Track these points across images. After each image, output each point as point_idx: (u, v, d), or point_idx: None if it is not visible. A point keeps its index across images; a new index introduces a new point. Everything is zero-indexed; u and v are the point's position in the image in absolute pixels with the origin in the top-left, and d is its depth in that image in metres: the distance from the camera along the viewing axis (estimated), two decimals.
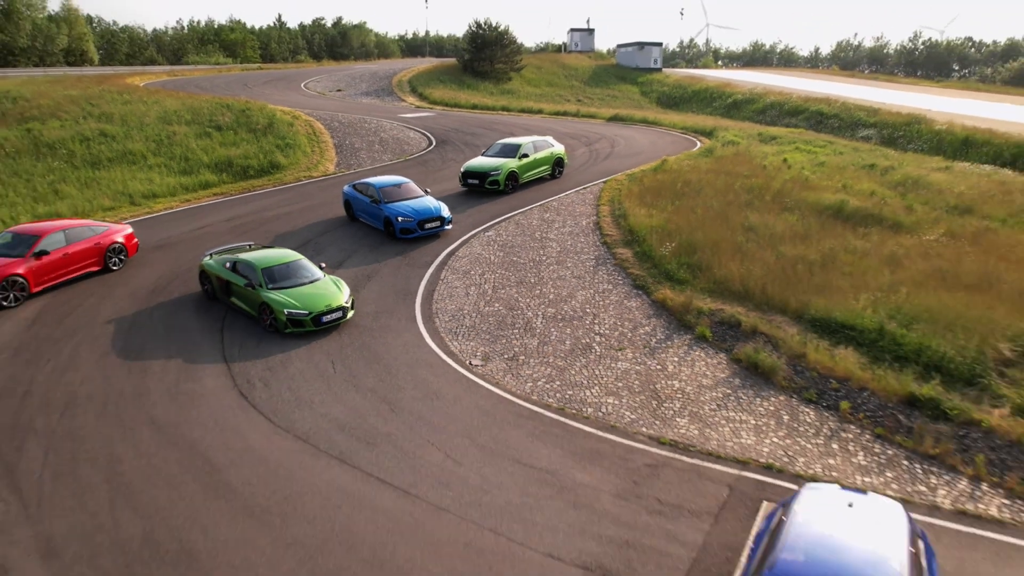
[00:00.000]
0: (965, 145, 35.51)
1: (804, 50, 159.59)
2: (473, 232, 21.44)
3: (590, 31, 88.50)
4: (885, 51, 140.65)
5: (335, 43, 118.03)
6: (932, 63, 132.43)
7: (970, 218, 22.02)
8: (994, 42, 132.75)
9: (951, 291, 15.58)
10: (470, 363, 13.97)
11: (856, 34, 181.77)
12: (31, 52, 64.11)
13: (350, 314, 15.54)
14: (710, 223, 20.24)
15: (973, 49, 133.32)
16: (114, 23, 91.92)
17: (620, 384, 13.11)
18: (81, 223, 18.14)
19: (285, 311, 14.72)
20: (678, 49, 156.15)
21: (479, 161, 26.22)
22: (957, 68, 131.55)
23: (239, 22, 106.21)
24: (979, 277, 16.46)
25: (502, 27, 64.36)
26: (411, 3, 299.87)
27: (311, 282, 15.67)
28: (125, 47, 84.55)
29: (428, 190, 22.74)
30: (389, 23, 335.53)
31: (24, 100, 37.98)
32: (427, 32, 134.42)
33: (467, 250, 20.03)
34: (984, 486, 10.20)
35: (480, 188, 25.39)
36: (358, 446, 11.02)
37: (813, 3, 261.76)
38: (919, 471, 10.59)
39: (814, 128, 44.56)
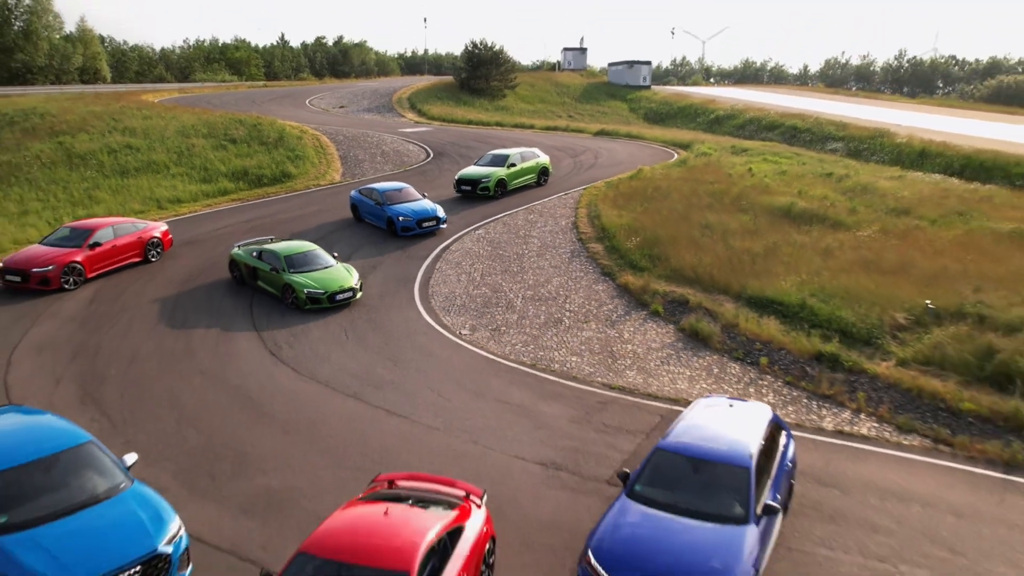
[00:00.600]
0: (921, 156, 38.39)
1: (794, 68, 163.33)
2: (465, 231, 24.29)
3: (583, 50, 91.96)
4: (871, 69, 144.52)
5: (336, 61, 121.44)
6: (917, 80, 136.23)
7: (905, 218, 24.84)
8: (976, 60, 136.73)
9: (869, 275, 18.37)
10: (460, 332, 16.73)
11: (843, 52, 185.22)
12: (48, 71, 67.31)
13: (359, 295, 18.34)
14: (672, 222, 23.11)
15: (956, 67, 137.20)
16: (124, 42, 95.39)
17: (583, 347, 15.88)
18: (126, 220, 21.04)
19: (305, 290, 17.52)
20: (671, 67, 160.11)
21: (472, 170, 29.14)
22: (941, 85, 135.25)
23: (244, 41, 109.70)
24: (896, 265, 19.27)
25: (497, 47, 67.62)
26: (410, 22, 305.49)
27: (325, 267, 18.48)
28: (135, 65, 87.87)
29: (426, 194, 25.60)
30: (389, 41, 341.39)
31: (51, 116, 40.81)
32: (426, 50, 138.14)
33: (459, 245, 22.86)
34: (861, 415, 12.95)
35: (472, 194, 28.26)
36: (368, 388, 13.77)
37: (804, 20, 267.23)
38: (814, 406, 13.36)
39: (788, 141, 47.49)
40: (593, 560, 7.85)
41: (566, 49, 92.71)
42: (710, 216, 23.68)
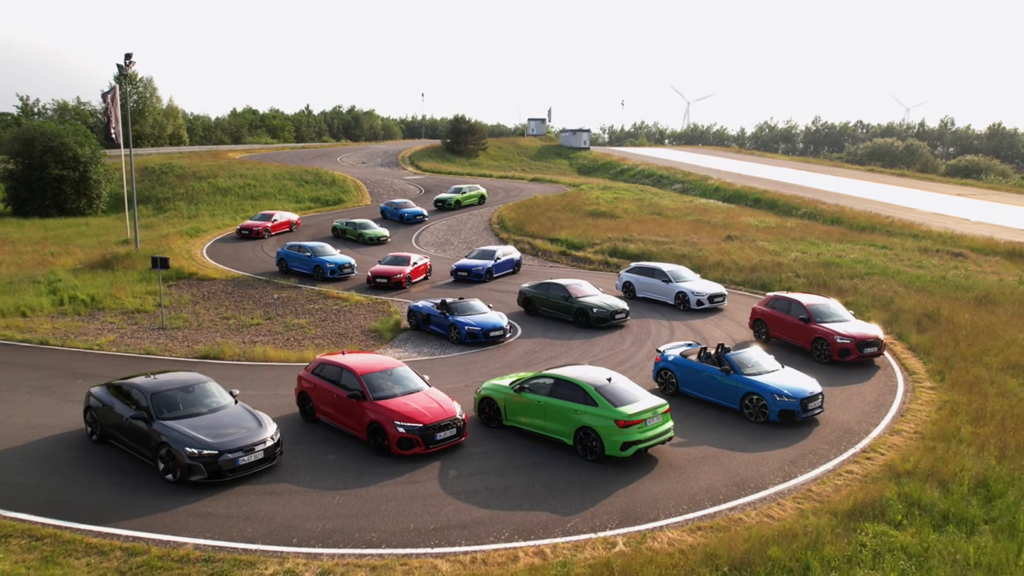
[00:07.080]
0: (716, 191, 64.45)
1: (734, 130, 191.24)
2: (436, 220, 50.12)
3: (542, 120, 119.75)
4: (794, 132, 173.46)
5: (350, 126, 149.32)
6: (830, 141, 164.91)
7: (655, 215, 50.59)
8: (878, 124, 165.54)
9: (605, 230, 43.98)
10: (431, 252, 42.33)
11: (771, 117, 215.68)
12: (149, 137, 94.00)
13: (389, 240, 44.05)
14: (533, 216, 48.90)
15: (862, 131, 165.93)
16: (191, 113, 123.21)
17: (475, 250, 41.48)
18: (282, 212, 46.85)
19: (368, 236, 43.25)
20: (631, 129, 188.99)
21: (442, 195, 55.26)
22: (849, 145, 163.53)
23: (279, 111, 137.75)
24: (620, 228, 44.91)
25: (473, 120, 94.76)
26: (411, 90, 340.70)
27: (374, 228, 44.22)
28: (200, 131, 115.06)
29: (418, 206, 51.53)
30: (392, 107, 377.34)
31: (186, 168, 66.88)
32: (424, 116, 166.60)
33: (433, 225, 48.70)
34: (561, 265, 38.45)
35: (443, 207, 54.20)
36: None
37: (757, 89, 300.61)
38: (548, 262, 38.92)
39: (654, 184, 73.50)
40: (454, 267, 33.46)
41: (530, 119, 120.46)
42: (553, 214, 49.52)
